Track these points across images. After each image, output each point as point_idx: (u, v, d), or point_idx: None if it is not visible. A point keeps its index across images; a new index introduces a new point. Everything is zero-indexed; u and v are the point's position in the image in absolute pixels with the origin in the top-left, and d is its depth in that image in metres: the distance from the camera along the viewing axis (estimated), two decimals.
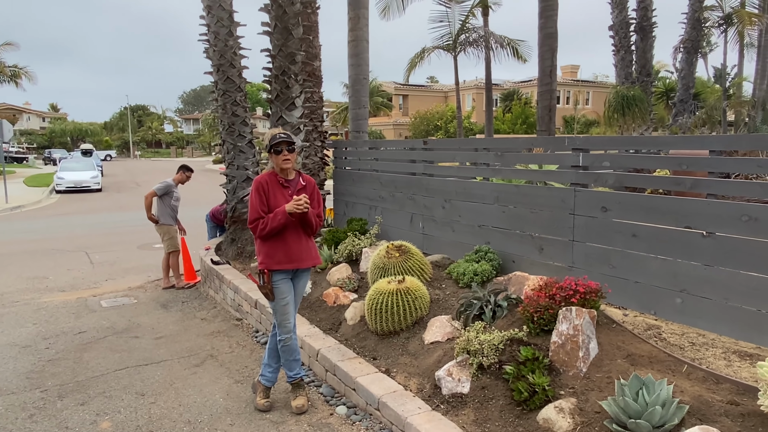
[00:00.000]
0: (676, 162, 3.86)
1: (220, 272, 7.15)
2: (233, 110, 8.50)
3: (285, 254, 3.98)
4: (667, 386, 2.87)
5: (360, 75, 10.41)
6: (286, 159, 3.96)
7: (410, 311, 4.55)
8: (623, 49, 15.78)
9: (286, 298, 4.03)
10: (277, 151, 3.95)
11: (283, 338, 4.07)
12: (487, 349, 3.65)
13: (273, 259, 3.97)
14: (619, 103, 13.26)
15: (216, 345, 5.71)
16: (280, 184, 4.02)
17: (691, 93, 15.14)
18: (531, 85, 49.18)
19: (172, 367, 5.16)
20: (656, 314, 4.05)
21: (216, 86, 8.64)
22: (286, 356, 4.12)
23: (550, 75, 13.47)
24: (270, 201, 3.96)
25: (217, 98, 8.64)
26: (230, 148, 8.57)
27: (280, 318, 4.05)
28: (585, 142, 4.49)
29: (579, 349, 3.41)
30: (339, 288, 5.61)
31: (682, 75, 15.11)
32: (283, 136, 3.93)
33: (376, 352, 4.48)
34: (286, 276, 4.06)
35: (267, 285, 3.98)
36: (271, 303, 4.08)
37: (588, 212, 4.45)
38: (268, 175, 4.04)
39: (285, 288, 4.04)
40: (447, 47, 19.38)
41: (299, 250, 4.03)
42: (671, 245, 3.88)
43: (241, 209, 8.48)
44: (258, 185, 3.97)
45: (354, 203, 7.76)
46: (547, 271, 4.82)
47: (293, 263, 4.02)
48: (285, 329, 4.06)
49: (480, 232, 5.54)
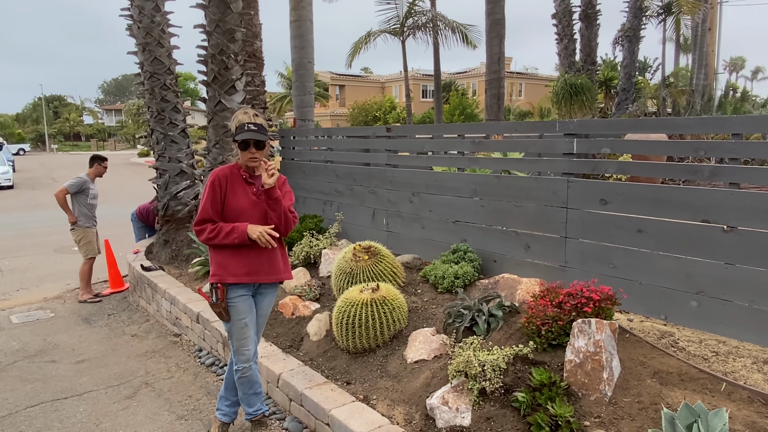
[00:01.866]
0: (692, 148, 3.42)
1: (153, 280, 6.30)
2: (163, 95, 7.58)
3: (244, 264, 3.25)
4: (724, 415, 2.39)
5: (304, 58, 9.65)
6: (253, 158, 3.23)
7: (387, 324, 3.93)
8: (566, 37, 15.74)
9: (244, 319, 3.30)
10: (244, 145, 3.21)
11: (240, 368, 3.34)
12: (490, 371, 3.08)
13: (228, 270, 3.23)
14: (567, 91, 13.12)
15: (151, 369, 4.88)
16: (243, 180, 3.29)
17: (633, 82, 15.31)
18: (468, 76, 49.62)
19: (98, 400, 4.31)
20: (667, 319, 3.63)
21: (142, 68, 7.67)
22: (245, 389, 3.40)
23: (499, 62, 13.16)
24: (228, 200, 3.23)
25: (144, 82, 7.69)
26: (160, 138, 7.67)
27: (236, 343, 3.33)
28: (579, 127, 3.99)
29: (602, 370, 2.90)
30: (297, 297, 4.91)
31: (624, 64, 15.24)
32: (253, 129, 3.17)
33: (350, 375, 3.83)
34: (245, 292, 3.32)
35: (221, 303, 3.24)
36: (226, 325, 3.34)
37: (584, 205, 3.98)
38: (229, 168, 3.30)
39: (243, 307, 3.30)
40: (394, 32, 18.73)
41: (262, 261, 3.29)
42: (685, 241, 3.46)
43: (174, 206, 7.60)
44: (214, 179, 3.23)
45: (306, 198, 7.04)
46: (535, 271, 4.33)
47: (254, 276, 3.29)
48: (242, 357, 3.33)
49: (455, 228, 5.00)
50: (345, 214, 6.23)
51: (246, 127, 3.17)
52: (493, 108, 13.44)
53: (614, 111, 15.45)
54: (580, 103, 13.25)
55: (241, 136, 3.17)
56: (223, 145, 6.93)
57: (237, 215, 3.23)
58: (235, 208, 3.23)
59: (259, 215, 3.27)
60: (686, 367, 3.03)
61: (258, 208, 3.27)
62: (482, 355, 3.19)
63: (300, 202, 7.21)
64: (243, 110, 3.27)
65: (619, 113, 14.78)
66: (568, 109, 13.66)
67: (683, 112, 14.69)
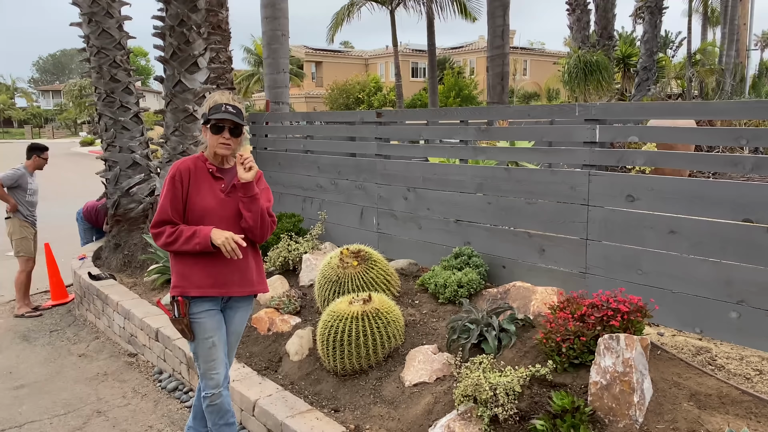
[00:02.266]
0: (733, 136, 3.44)
1: (103, 290, 6.25)
2: (112, 74, 7.52)
3: (209, 275, 3.17)
4: None
5: (278, 31, 9.60)
6: (225, 143, 3.16)
7: (381, 341, 3.92)
8: (579, 7, 15.83)
9: (211, 337, 3.24)
10: (218, 127, 3.14)
11: (208, 394, 3.29)
12: (503, 395, 3.07)
13: (191, 280, 3.16)
14: (580, 69, 13.19)
15: (104, 394, 4.83)
16: (209, 174, 3.22)
17: (655, 59, 15.45)
18: (465, 51, 49.76)
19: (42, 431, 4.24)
20: (702, 333, 3.67)
21: (87, 42, 7.61)
22: (215, 419, 3.35)
23: (503, 36, 13.20)
24: (191, 198, 3.16)
25: (90, 58, 7.63)
26: (109, 123, 7.61)
27: (203, 366, 3.27)
28: (603, 112, 4.01)
29: (633, 393, 2.91)
30: (274, 310, 4.88)
31: (645, 38, 15.35)
32: (231, 111, 3.12)
33: (338, 401, 3.81)
34: (212, 307, 3.26)
35: (182, 319, 3.18)
36: (191, 344, 3.30)
37: (608, 202, 4.00)
38: (193, 161, 3.23)
39: (210, 324, 3.24)
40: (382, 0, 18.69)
41: (232, 270, 3.22)
42: (725, 244, 3.49)
43: (126, 204, 7.55)
44: (175, 174, 3.15)
45: (282, 194, 7.01)
46: (550, 278, 4.35)
47: (222, 288, 3.22)
48: (211, 382, 3.28)
49: (457, 229, 5.01)
50: (329, 212, 6.21)
51: (224, 107, 3.11)
52: (496, 89, 13.47)
53: (634, 92, 15.60)
54: (595, 83, 13.34)
55: (217, 115, 3.10)
56: (184, 132, 6.88)
57: (202, 216, 3.16)
58: (200, 208, 3.16)
59: (229, 216, 3.20)
60: (727, 388, 3.05)
61: (227, 207, 3.20)
62: (493, 377, 3.19)
63: (276, 198, 7.15)
64: (220, 92, 3.23)
65: (639, 95, 14.91)
66: (582, 90, 13.74)
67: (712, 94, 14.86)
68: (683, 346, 3.63)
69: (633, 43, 22.60)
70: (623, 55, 19.66)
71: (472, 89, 38.75)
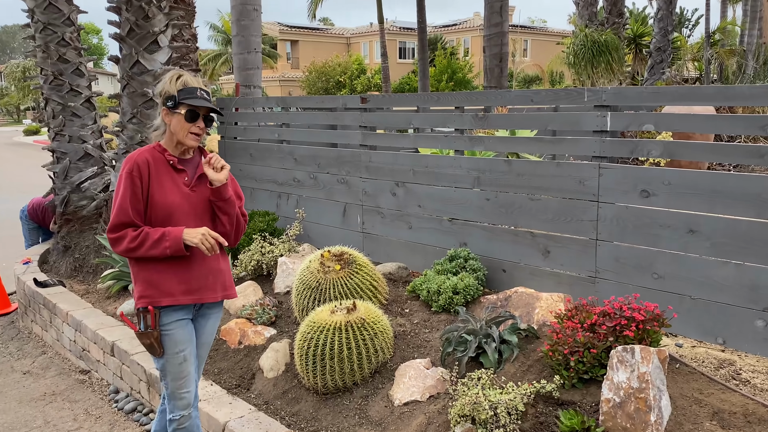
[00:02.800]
0: (759, 124, 3.48)
1: (50, 299, 6.26)
2: (61, 53, 7.50)
3: (182, 280, 3.14)
4: None
5: (249, 4, 9.60)
6: (197, 133, 3.14)
7: (368, 355, 3.92)
8: None
9: (182, 351, 3.21)
10: (192, 114, 3.08)
11: (177, 416, 3.26)
12: (504, 415, 3.09)
13: (160, 289, 3.11)
14: (588, 50, 13.29)
15: (52, 417, 4.82)
16: (170, 166, 3.17)
17: (670, 39, 15.60)
18: (457, 30, 49.98)
19: None
20: (725, 344, 3.72)
21: (32, 17, 7.58)
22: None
23: (501, 12, 13.29)
24: (154, 194, 3.09)
25: (35, 35, 7.62)
26: (57, 110, 7.60)
27: (173, 385, 3.23)
28: (615, 97, 4.04)
29: (649, 411, 2.93)
30: (246, 320, 4.88)
31: (659, 16, 15.48)
32: (207, 98, 3.10)
33: (319, 423, 3.82)
34: (184, 316, 3.23)
35: (152, 332, 3.13)
36: (158, 361, 3.25)
37: (620, 198, 4.05)
38: (149, 152, 3.15)
39: (182, 336, 3.21)
40: None
41: (205, 273, 3.20)
42: (749, 245, 3.55)
43: (77, 201, 7.52)
44: (132, 168, 3.07)
45: (254, 189, 7.01)
46: (556, 284, 4.40)
47: (196, 294, 3.19)
48: (181, 402, 3.25)
49: (452, 229, 5.05)
50: (307, 210, 6.22)
51: (198, 92, 3.08)
52: (494, 72, 13.57)
53: (647, 76, 15.74)
54: (604, 66, 13.44)
55: (192, 101, 3.06)
56: (142, 120, 6.84)
57: (168, 214, 3.11)
58: (164, 205, 3.11)
59: (197, 213, 3.19)
60: (753, 405, 3.09)
61: (193, 203, 3.18)
62: (494, 395, 3.21)
63: (247, 194, 7.14)
64: (181, 72, 3.17)
65: (652, 79, 15.06)
66: (589, 73, 13.85)
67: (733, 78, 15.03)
68: (704, 358, 3.67)
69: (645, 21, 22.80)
70: (635, 35, 19.82)
71: (466, 72, 38.91)
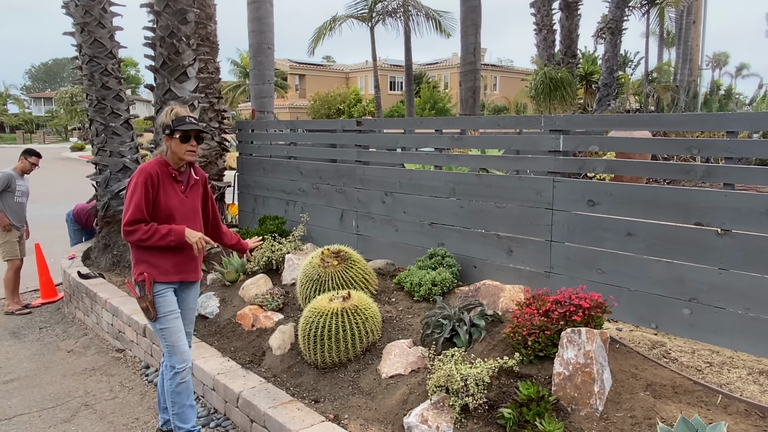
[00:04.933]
0: (685, 146, 3.53)
1: (92, 289, 6.13)
2: (103, 81, 7.39)
3: (175, 264, 3.48)
4: (723, 429, 2.46)
5: (263, 43, 9.56)
6: (191, 150, 3.44)
7: (360, 336, 3.92)
8: (546, 28, 16.02)
9: (173, 311, 3.46)
10: (185, 137, 3.39)
11: (180, 369, 3.44)
12: (473, 386, 3.10)
13: (158, 268, 3.43)
14: (546, 85, 13.36)
15: (91, 388, 4.74)
16: (172, 178, 3.47)
17: (615, 77, 15.69)
18: (439, 67, 49.99)
19: (30, 424, 4.16)
20: (657, 328, 3.74)
21: (80, 51, 7.47)
22: (182, 400, 3.47)
23: (474, 53, 13.31)
24: (160, 199, 3.38)
25: (82, 66, 7.49)
26: (100, 129, 7.48)
27: (171, 339, 3.43)
28: (566, 123, 4.07)
29: (593, 383, 2.95)
30: (258, 307, 4.85)
31: (606, 57, 15.58)
32: (195, 122, 3.42)
33: (318, 392, 3.80)
34: (171, 287, 3.52)
35: (147, 295, 3.39)
36: (154, 324, 3.45)
37: (570, 206, 4.07)
38: (157, 165, 3.43)
39: (172, 298, 3.50)
40: (362, 17, 18.71)
41: (188, 260, 3.53)
42: (677, 245, 3.58)
43: (116, 207, 7.42)
44: (146, 177, 3.34)
45: (266, 198, 6.97)
46: (518, 277, 4.40)
47: (182, 275, 3.54)
48: (181, 355, 3.45)
49: (431, 231, 5.03)
50: (310, 215, 6.20)
51: (187, 119, 3.39)
52: (469, 102, 13.58)
53: (595, 107, 15.80)
54: (560, 98, 13.52)
55: (184, 127, 3.36)
56: None
57: (169, 215, 3.41)
58: (167, 207, 3.40)
59: (188, 213, 3.52)
60: (680, 379, 3.12)
61: (186, 205, 3.50)
62: (464, 369, 3.21)
63: (260, 202, 7.14)
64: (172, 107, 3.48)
65: (600, 109, 15.12)
66: (547, 104, 13.92)
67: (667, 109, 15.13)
68: (640, 340, 3.69)
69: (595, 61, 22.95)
70: (586, 73, 19.94)
71: (446, 102, 38.98)
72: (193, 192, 3.56)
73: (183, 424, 3.50)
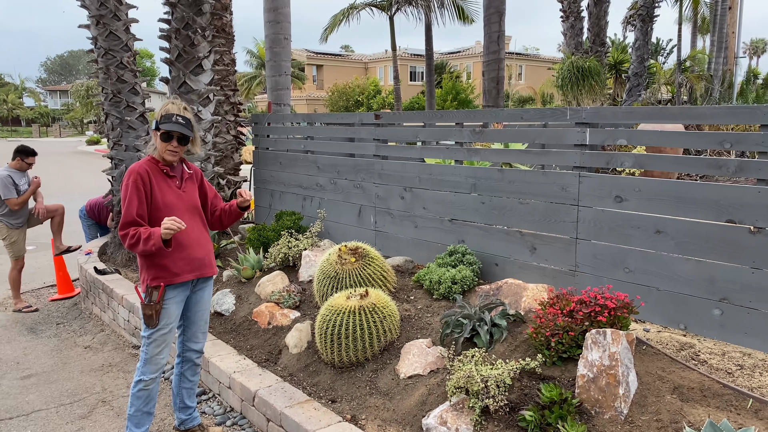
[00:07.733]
0: (717, 140, 3.49)
1: (108, 285, 6.25)
2: (119, 74, 7.50)
3: (187, 261, 3.51)
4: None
5: (280, 34, 9.60)
6: (173, 151, 3.48)
7: (378, 335, 3.94)
8: (573, 14, 15.86)
9: (170, 324, 3.53)
10: (167, 136, 3.42)
11: (147, 378, 3.53)
12: (494, 387, 3.11)
13: (171, 270, 3.45)
14: (573, 75, 13.24)
15: (108, 384, 4.85)
16: (164, 174, 3.50)
17: (646, 66, 15.50)
18: (461, 56, 49.78)
19: (48, 420, 4.27)
20: (686, 329, 3.71)
21: (95, 44, 7.59)
22: (140, 405, 3.55)
23: (498, 41, 13.23)
24: (156, 197, 3.42)
25: (97, 59, 7.61)
26: (116, 123, 7.59)
27: (153, 350, 3.51)
28: (593, 115, 4.04)
29: (618, 385, 2.95)
30: (275, 304, 4.90)
31: (636, 45, 15.40)
32: (181, 122, 3.39)
33: (335, 392, 3.84)
34: (183, 290, 3.57)
35: (156, 305, 3.42)
36: (147, 330, 3.49)
37: (597, 203, 4.04)
38: (146, 164, 3.47)
39: (175, 312, 3.55)
40: (381, 6, 18.65)
41: (202, 255, 3.58)
42: (708, 244, 3.53)
43: None
44: (136, 177, 3.37)
45: (282, 193, 7.02)
46: (541, 276, 4.39)
47: (197, 271, 3.57)
48: (155, 366, 3.54)
49: (452, 228, 5.04)
50: (328, 211, 6.23)
51: (174, 118, 3.38)
52: (492, 93, 13.51)
53: (625, 98, 15.64)
54: (588, 89, 13.39)
55: (167, 126, 3.38)
56: None
57: (169, 212, 3.42)
58: (165, 204, 3.44)
59: (187, 207, 3.54)
60: (709, 382, 3.09)
61: (184, 200, 3.54)
62: (485, 370, 3.22)
63: (276, 197, 7.19)
64: (171, 101, 3.49)
65: (630, 100, 14.96)
66: (575, 94, 13.79)
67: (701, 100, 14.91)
68: (668, 341, 3.67)
69: (625, 50, 22.68)
70: (615, 62, 19.73)
71: (468, 93, 38.78)
72: (189, 186, 3.60)
73: (136, 428, 3.56)
